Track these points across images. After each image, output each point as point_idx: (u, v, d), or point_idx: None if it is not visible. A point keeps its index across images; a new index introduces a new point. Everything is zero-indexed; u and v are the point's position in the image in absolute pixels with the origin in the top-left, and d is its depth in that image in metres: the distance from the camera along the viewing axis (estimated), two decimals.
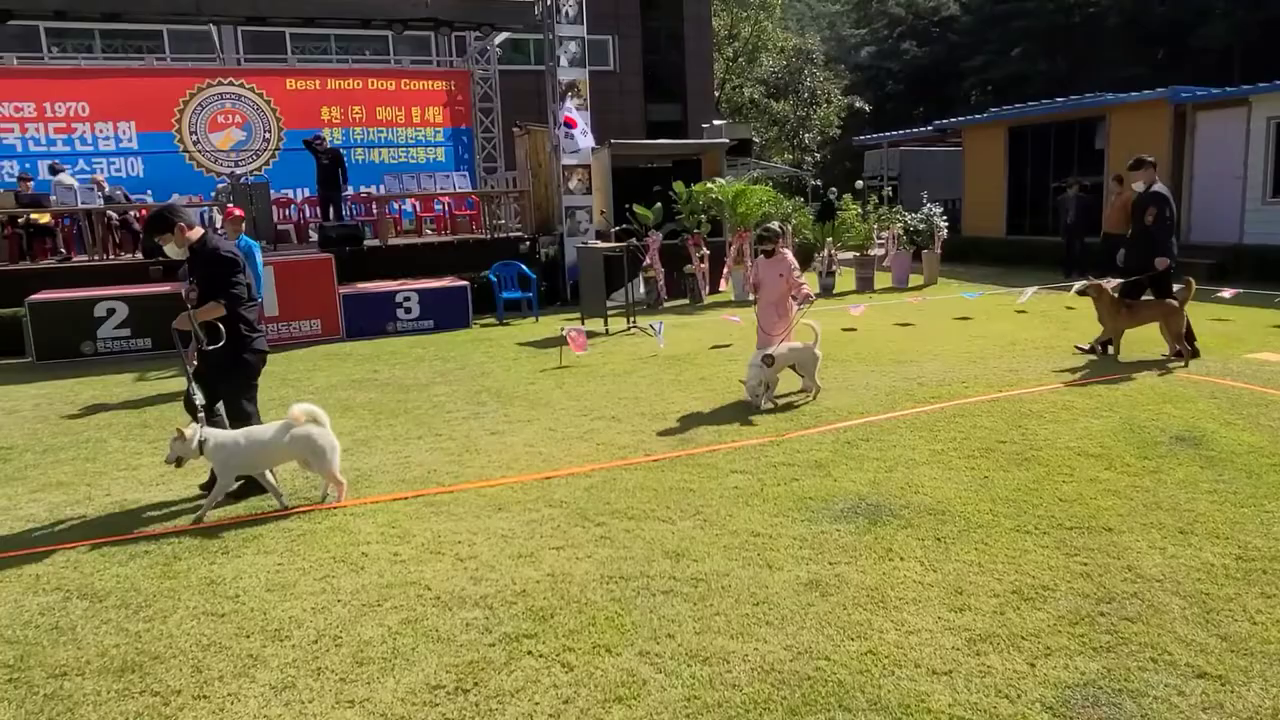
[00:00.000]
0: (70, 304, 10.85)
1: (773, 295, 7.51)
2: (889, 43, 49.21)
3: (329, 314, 11.79)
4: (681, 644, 3.43)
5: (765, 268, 7.59)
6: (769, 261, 7.56)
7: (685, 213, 14.35)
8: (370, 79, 17.55)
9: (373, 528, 4.77)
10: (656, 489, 5.21)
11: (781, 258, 7.52)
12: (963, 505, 4.79)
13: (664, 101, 27.44)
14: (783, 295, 7.44)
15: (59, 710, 3.12)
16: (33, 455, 6.51)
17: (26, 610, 3.91)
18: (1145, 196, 8.26)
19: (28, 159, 14.84)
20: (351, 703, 3.11)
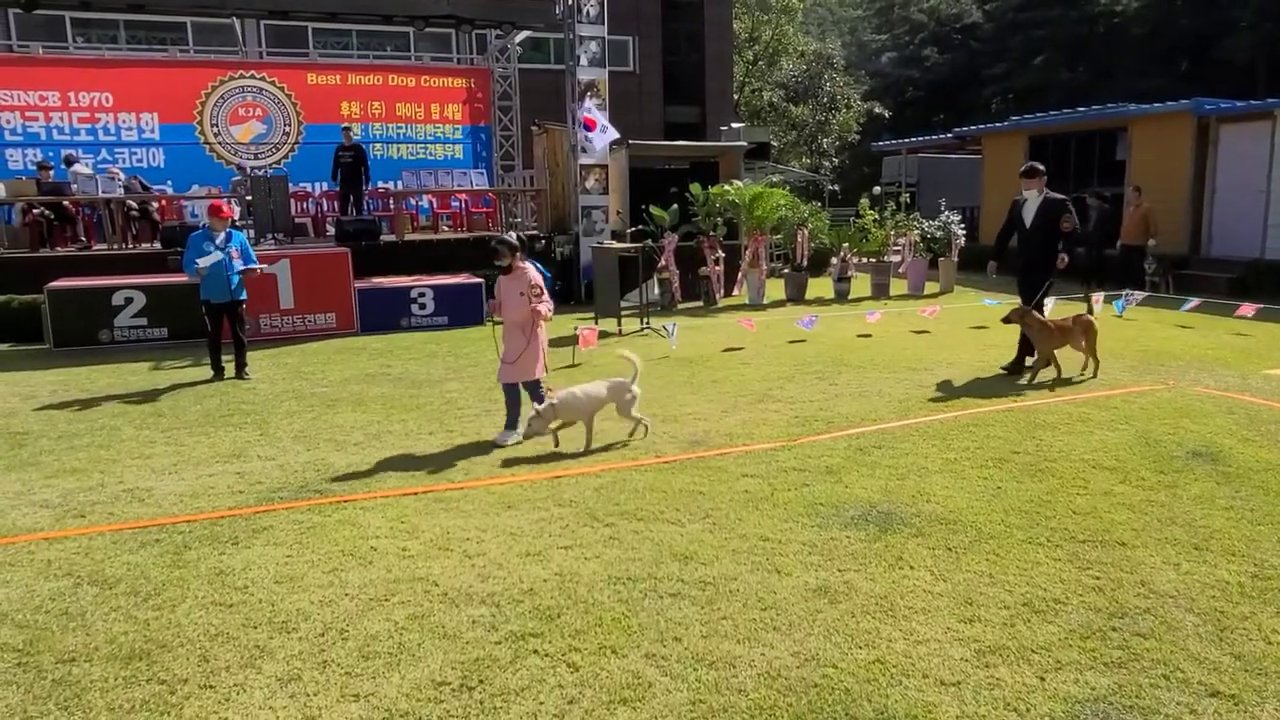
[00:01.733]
0: (88, 292, 10.92)
1: (516, 316, 6.45)
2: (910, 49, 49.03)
3: (344, 308, 11.83)
4: (688, 647, 3.41)
5: (505, 285, 6.50)
6: (509, 278, 6.48)
7: (701, 215, 14.33)
8: (390, 75, 17.60)
9: (382, 522, 4.77)
10: (666, 491, 5.19)
11: (521, 273, 6.45)
12: (975, 515, 4.75)
13: (683, 103, 27.42)
14: (527, 317, 6.40)
15: (67, 695, 3.13)
16: (48, 441, 6.56)
17: (37, 595, 3.93)
18: (1059, 204, 7.99)
19: (52, 148, 14.95)
20: (356, 696, 3.11)
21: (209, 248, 8.49)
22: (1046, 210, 8.03)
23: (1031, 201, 8.13)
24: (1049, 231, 8.00)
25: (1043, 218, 8.03)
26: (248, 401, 7.76)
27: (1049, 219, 8.00)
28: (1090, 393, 7.48)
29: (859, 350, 9.71)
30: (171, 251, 12.04)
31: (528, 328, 6.44)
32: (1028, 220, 8.16)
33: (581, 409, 6.15)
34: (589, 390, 6.24)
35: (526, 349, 6.42)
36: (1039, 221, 8.06)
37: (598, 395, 6.23)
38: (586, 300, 13.82)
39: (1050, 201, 8.05)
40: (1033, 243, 8.17)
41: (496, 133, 17.93)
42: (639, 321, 11.50)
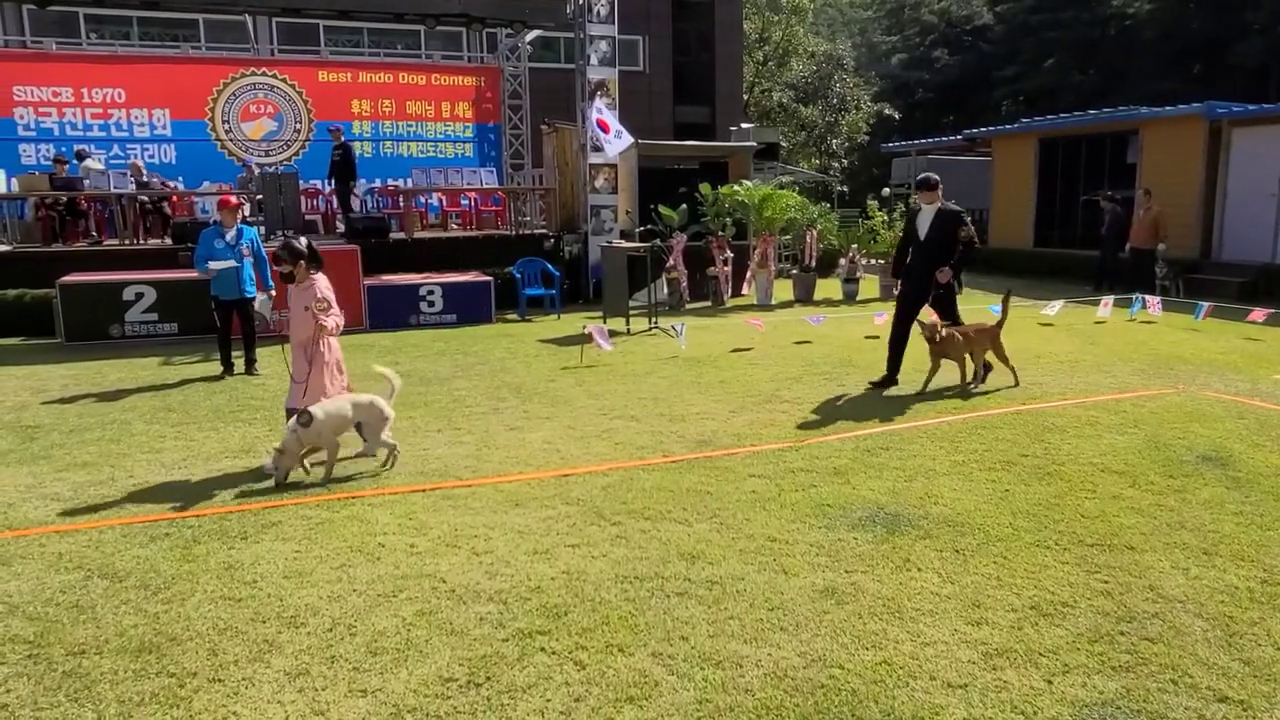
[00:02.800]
0: (100, 287, 10.98)
1: (300, 334, 5.81)
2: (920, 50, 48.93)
3: (353, 305, 11.83)
4: (695, 646, 3.42)
5: (294, 297, 5.88)
6: (297, 289, 5.86)
7: (710, 215, 14.33)
8: (401, 73, 17.65)
9: (390, 519, 4.79)
10: (674, 490, 5.20)
11: (309, 285, 5.82)
12: (982, 518, 4.74)
13: (692, 103, 27.40)
14: (314, 335, 5.77)
15: (77, 688, 3.15)
16: (59, 435, 6.59)
17: (48, 588, 3.95)
18: (955, 215, 7.64)
19: (65, 143, 15.03)
20: (364, 692, 3.12)
21: (220, 244, 8.52)
22: (942, 221, 7.63)
23: (926, 212, 7.72)
24: (944, 243, 7.62)
25: (938, 229, 7.63)
26: (257, 397, 7.79)
27: (944, 230, 7.60)
28: (1099, 396, 7.45)
29: (867, 351, 9.70)
30: (182, 247, 12.09)
31: (310, 347, 5.76)
32: (922, 232, 7.74)
33: (325, 432, 5.44)
34: (332, 410, 5.50)
35: (312, 371, 5.76)
36: (934, 233, 7.65)
37: (342, 415, 5.53)
38: (595, 299, 13.83)
39: (946, 212, 7.67)
40: (927, 255, 7.72)
41: (506, 131, 17.96)
42: (647, 321, 11.50)
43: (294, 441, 5.33)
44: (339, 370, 6.03)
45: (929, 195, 7.71)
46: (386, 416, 5.67)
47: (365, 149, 17.41)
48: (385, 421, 5.65)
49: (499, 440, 6.35)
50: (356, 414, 5.61)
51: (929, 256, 7.71)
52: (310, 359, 5.80)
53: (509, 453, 6.04)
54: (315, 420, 5.36)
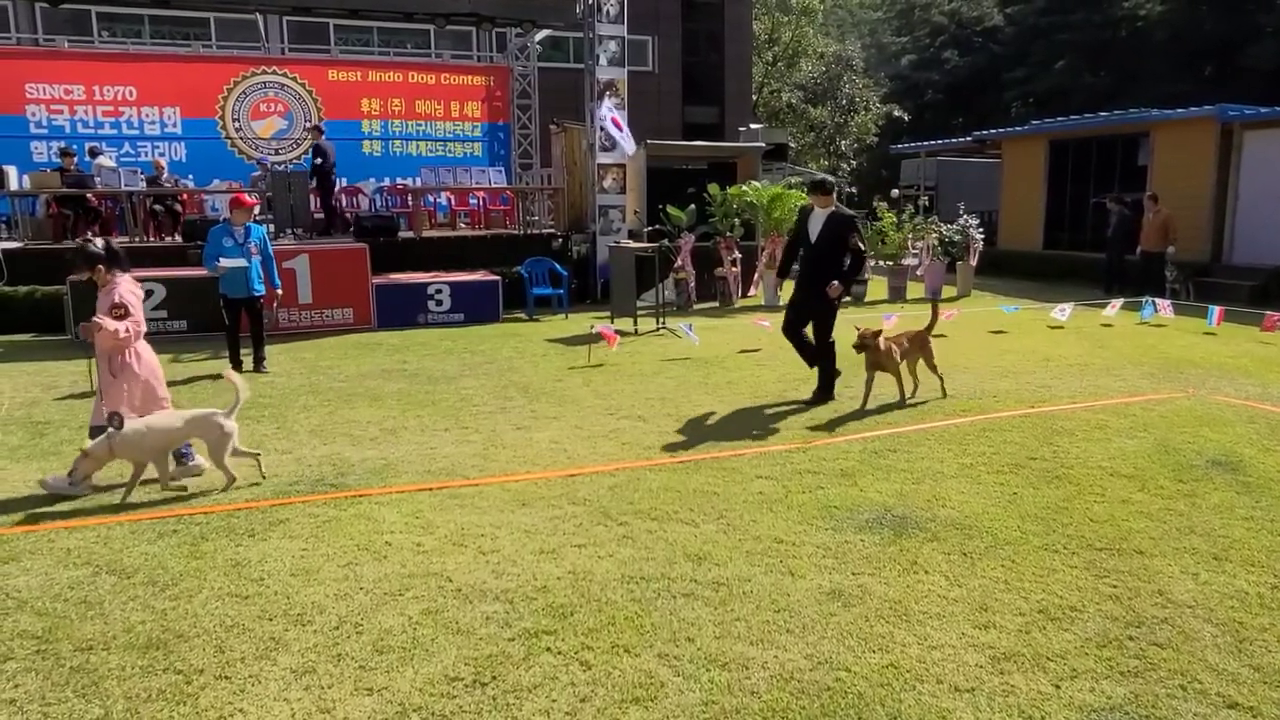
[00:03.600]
0: None
1: (104, 343, 5.21)
2: (930, 51, 48.81)
3: (361, 303, 11.89)
4: (701, 648, 3.41)
5: (99, 302, 5.33)
6: (102, 295, 5.34)
7: (719, 215, 14.31)
8: (411, 72, 17.66)
9: (397, 517, 4.79)
10: (680, 491, 5.19)
11: (111, 288, 5.29)
12: (990, 521, 4.72)
13: (701, 104, 27.40)
14: (117, 345, 5.21)
15: (84, 683, 3.16)
16: (68, 431, 6.62)
17: (56, 583, 3.97)
18: (847, 220, 7.21)
19: (76, 140, 15.08)
20: (370, 690, 3.12)
21: (229, 242, 8.54)
22: (833, 225, 7.16)
23: (819, 214, 7.26)
24: (834, 250, 7.19)
25: (828, 233, 7.16)
26: (265, 395, 7.81)
27: (834, 235, 7.15)
28: (1109, 399, 7.42)
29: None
30: (192, 245, 12.14)
31: (113, 359, 5.26)
32: (813, 234, 7.25)
33: (145, 447, 5.05)
34: (157, 423, 5.11)
35: (115, 382, 5.27)
36: (825, 237, 7.18)
37: (169, 429, 5.12)
38: (603, 299, 13.83)
39: (838, 216, 7.21)
40: (816, 261, 7.26)
41: (515, 131, 17.97)
42: (655, 321, 11.50)
43: (103, 448, 4.94)
44: (157, 381, 5.49)
45: (823, 199, 7.28)
46: (228, 432, 5.18)
47: (375, 147, 17.45)
48: (227, 438, 5.17)
49: (506, 439, 6.35)
50: (189, 429, 5.18)
51: (817, 261, 7.25)
52: (116, 370, 5.27)
53: (516, 452, 6.04)
54: (136, 432, 4.96)
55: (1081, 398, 7.50)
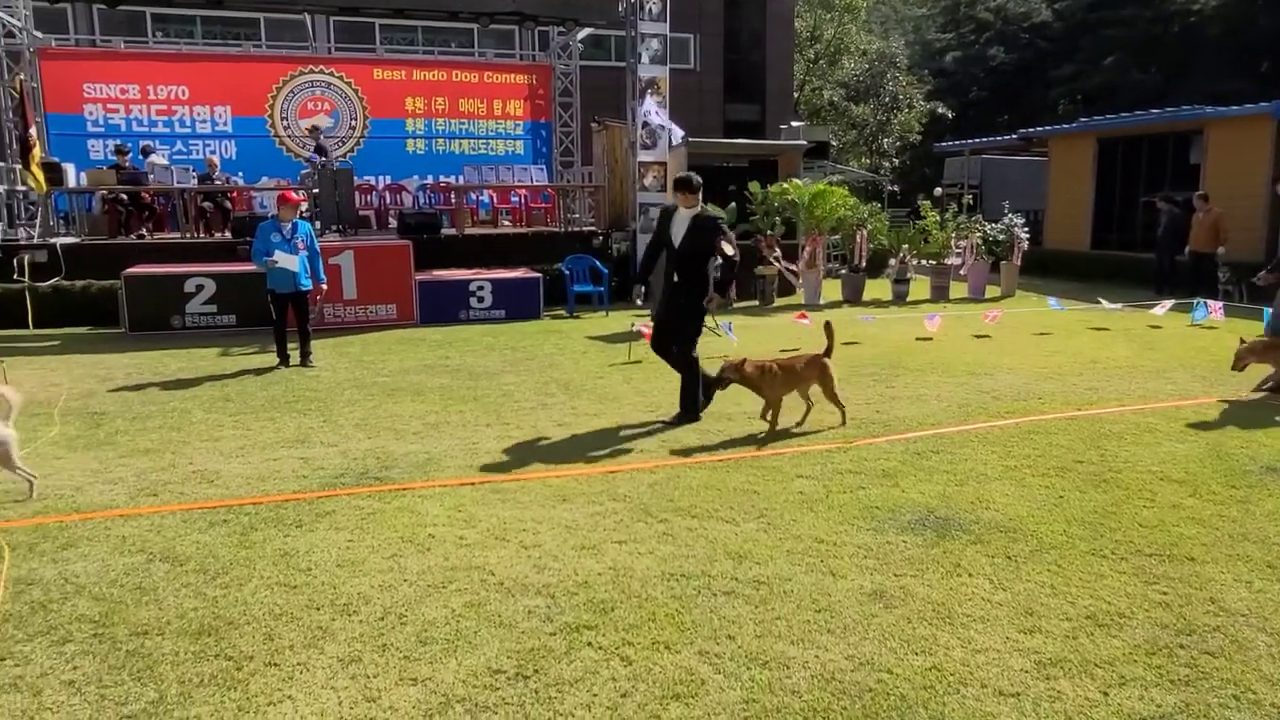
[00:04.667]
0: (162, 279, 11.28)
1: None
2: (975, 48, 48.04)
3: (404, 299, 12.03)
4: (741, 646, 3.41)
5: None
6: None
7: (760, 214, 14.26)
8: (454, 71, 17.83)
9: (440, 511, 4.85)
10: (720, 489, 5.19)
11: None
12: (1036, 524, 4.66)
13: (743, 101, 27.30)
14: None
15: (140, 667, 3.25)
16: (123, 422, 6.80)
17: (113, 570, 4.08)
18: (711, 224, 6.58)
19: (131, 139, 15.46)
20: (414, 680, 3.17)
21: (276, 238, 8.70)
22: (697, 229, 6.54)
23: (683, 215, 6.62)
24: (700, 255, 6.62)
25: (693, 238, 6.56)
26: (311, 389, 7.94)
27: (699, 240, 6.55)
28: (1158, 402, 7.27)
29: (917, 353, 9.58)
30: (241, 241, 12.38)
31: None
32: (676, 238, 6.63)
33: None
34: None
35: None
36: (688, 242, 6.59)
37: None
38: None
39: (703, 218, 6.59)
40: (680, 267, 6.67)
41: (557, 129, 18.06)
42: None
43: None
44: None
45: (687, 198, 6.62)
46: (5, 440, 4.90)
47: (419, 146, 17.65)
48: (5, 445, 4.90)
49: (547, 435, 6.39)
50: None
51: (681, 268, 6.66)
52: None
53: (557, 448, 6.08)
54: None
55: (1130, 400, 7.36)
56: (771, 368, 6.35)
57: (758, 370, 6.34)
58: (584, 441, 6.23)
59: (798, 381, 6.49)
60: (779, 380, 6.36)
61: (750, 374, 6.33)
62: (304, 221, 9.19)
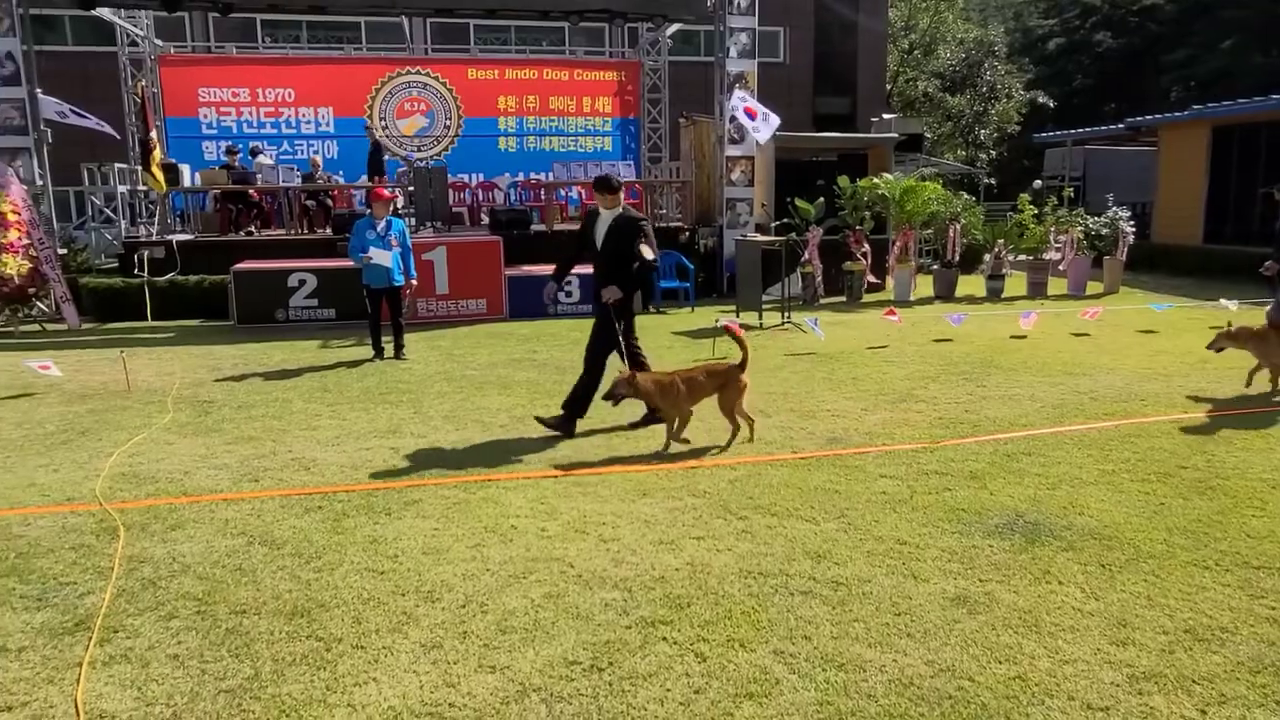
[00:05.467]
0: (267, 274, 11.81)
1: None
2: (1080, 34, 46.05)
3: (494, 294, 12.29)
4: (817, 647, 3.38)
5: None
6: None
7: (848, 209, 14.02)
8: (545, 69, 18.10)
9: (523, 502, 4.95)
10: (801, 488, 5.14)
11: None
12: (1133, 532, 4.46)
13: (833, 94, 26.87)
14: None
15: (238, 644, 3.43)
16: (229, 410, 7.15)
17: (215, 551, 4.31)
18: (633, 224, 6.32)
19: (241, 140, 16.25)
20: (493, 668, 3.25)
21: (371, 235, 9.01)
22: (619, 230, 6.33)
23: (605, 216, 6.45)
24: (622, 256, 6.35)
25: (614, 239, 6.35)
26: (404, 381, 8.19)
27: (621, 241, 6.32)
28: (1272, 407, 6.86)
29: (1010, 351, 9.27)
30: (340, 238, 12.85)
31: None
32: (598, 239, 6.45)
33: None
34: None
35: None
36: (610, 244, 6.37)
37: None
38: (729, 293, 13.79)
39: (624, 218, 6.36)
40: (603, 270, 6.46)
41: (645, 125, 18.13)
42: (780, 315, 11.39)
43: None
44: None
45: (608, 199, 6.44)
46: None
47: (510, 144, 17.99)
48: None
49: (629, 430, 6.44)
50: None
51: (604, 270, 6.45)
52: None
53: (639, 443, 6.13)
54: None
55: (1242, 404, 6.97)
56: (672, 381, 6.01)
57: (653, 384, 6.00)
58: (665, 437, 6.24)
59: (700, 394, 6.08)
60: (680, 394, 5.98)
61: (644, 387, 5.97)
62: (397, 219, 9.48)
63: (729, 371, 6.12)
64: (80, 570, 4.09)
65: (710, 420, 6.21)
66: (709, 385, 6.07)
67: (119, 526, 4.59)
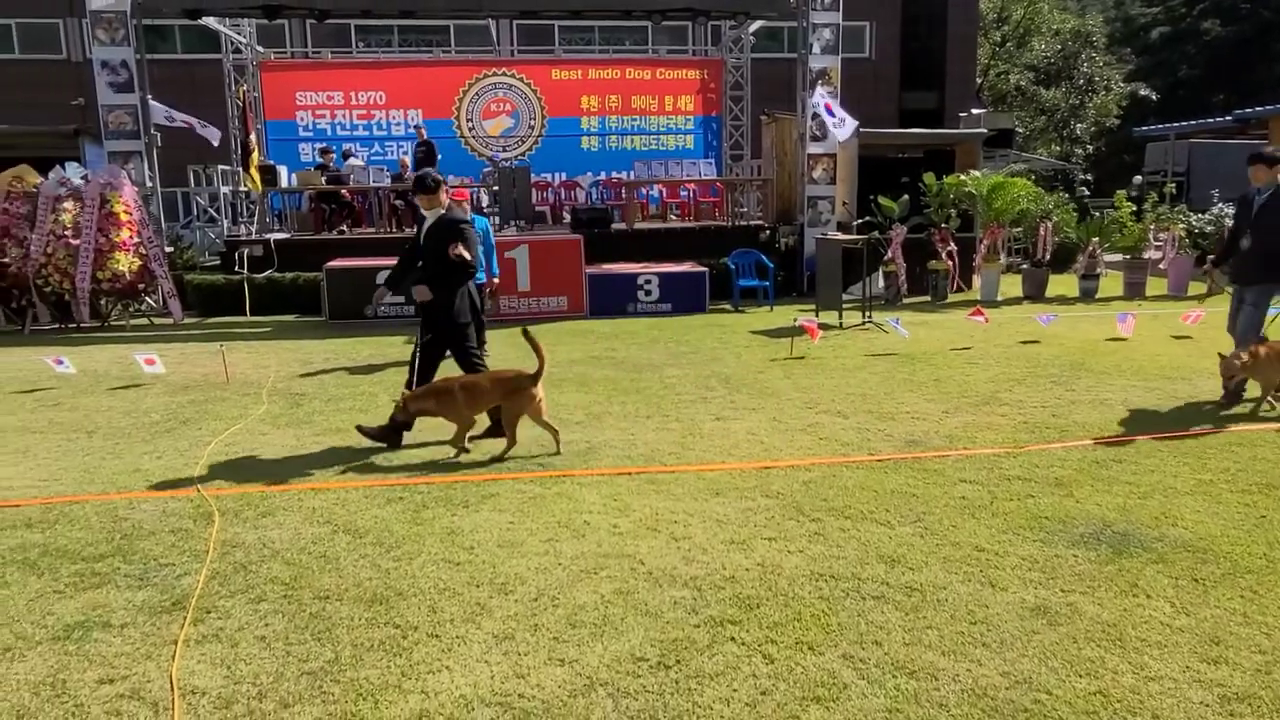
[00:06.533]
0: (357, 271, 12.19)
1: None
2: (1186, 22, 43.91)
3: (575, 292, 12.43)
4: (888, 653, 3.33)
5: None
6: None
7: (934, 206, 13.70)
8: (628, 68, 18.21)
9: (596, 498, 5.01)
10: (877, 490, 5.07)
11: None
12: (1230, 545, 4.26)
13: (920, 89, 26.27)
14: None
15: (320, 629, 3.57)
16: (319, 403, 7.43)
17: (302, 538, 4.49)
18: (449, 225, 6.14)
19: (335, 142, 16.85)
20: (562, 661, 3.30)
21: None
22: (437, 230, 6.20)
23: (429, 217, 6.31)
24: (441, 257, 6.14)
25: (433, 239, 6.21)
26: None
27: (439, 241, 6.16)
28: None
29: (1103, 354, 8.92)
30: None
31: None
32: (421, 240, 6.39)
33: None
34: None
35: None
36: (430, 243, 6.24)
37: None
38: (809, 292, 13.64)
39: (442, 221, 6.19)
40: (427, 269, 6.29)
41: (727, 122, 18.07)
42: (860, 315, 11.21)
43: None
44: None
45: (425, 199, 6.28)
46: None
47: (592, 143, 18.17)
48: None
49: (704, 429, 6.45)
50: None
51: (426, 272, 6.30)
52: None
53: (713, 442, 6.13)
54: None
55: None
56: (449, 388, 5.85)
57: (429, 395, 5.84)
58: (740, 436, 6.24)
59: (484, 401, 5.90)
60: (458, 401, 5.80)
61: (420, 405, 5.81)
62: (480, 217, 9.67)
63: (518, 380, 5.89)
64: (178, 552, 4.32)
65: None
66: (494, 393, 5.88)
67: (214, 512, 4.82)
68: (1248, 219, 6.94)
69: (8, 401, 7.54)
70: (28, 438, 6.39)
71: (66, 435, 6.43)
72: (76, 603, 3.81)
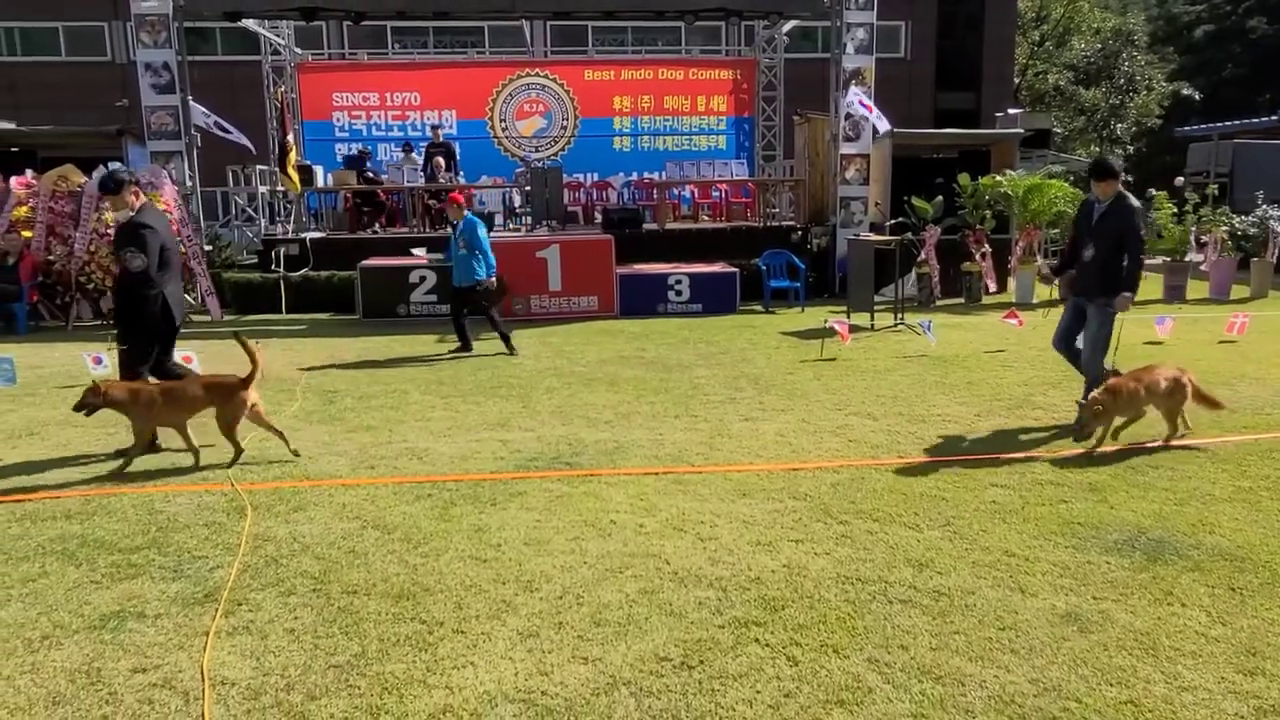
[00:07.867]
0: (391, 270, 12.32)
1: None
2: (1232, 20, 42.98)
3: (606, 292, 12.45)
4: (914, 657, 3.30)
5: None
6: None
7: (969, 207, 13.54)
8: (660, 69, 18.20)
9: (623, 498, 5.01)
10: (906, 493, 5.02)
11: None
12: (1270, 554, 4.16)
13: (956, 89, 25.99)
14: None
15: (348, 622, 3.61)
16: (351, 400, 7.51)
17: (332, 533, 4.54)
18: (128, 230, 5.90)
19: (370, 143, 17.04)
20: (586, 659, 3.31)
21: (452, 236, 9.45)
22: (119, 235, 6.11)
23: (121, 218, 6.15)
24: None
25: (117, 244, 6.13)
26: (515, 376, 8.41)
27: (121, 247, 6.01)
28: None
29: (1141, 358, 8.69)
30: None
31: None
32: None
33: None
34: None
35: None
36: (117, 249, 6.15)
37: None
38: (840, 293, 13.54)
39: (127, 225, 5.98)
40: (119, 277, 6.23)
41: (759, 123, 18.00)
42: (893, 317, 11.11)
43: None
44: None
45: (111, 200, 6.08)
46: None
47: (624, 143, 18.19)
48: None
49: (732, 429, 6.43)
50: None
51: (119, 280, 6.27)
52: None
53: (741, 442, 6.11)
54: None
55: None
56: (148, 391, 5.51)
57: (127, 393, 5.48)
58: (768, 437, 6.21)
59: (188, 408, 5.58)
60: (154, 407, 5.47)
61: (115, 397, 5.43)
62: (473, 218, 9.68)
63: (229, 386, 5.58)
64: (211, 546, 4.40)
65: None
66: (203, 399, 5.58)
67: (247, 506, 4.90)
68: (1088, 229, 6.29)
69: (51, 396, 7.72)
70: (69, 431, 6.53)
71: (105, 430, 6.56)
72: (112, 593, 3.89)
